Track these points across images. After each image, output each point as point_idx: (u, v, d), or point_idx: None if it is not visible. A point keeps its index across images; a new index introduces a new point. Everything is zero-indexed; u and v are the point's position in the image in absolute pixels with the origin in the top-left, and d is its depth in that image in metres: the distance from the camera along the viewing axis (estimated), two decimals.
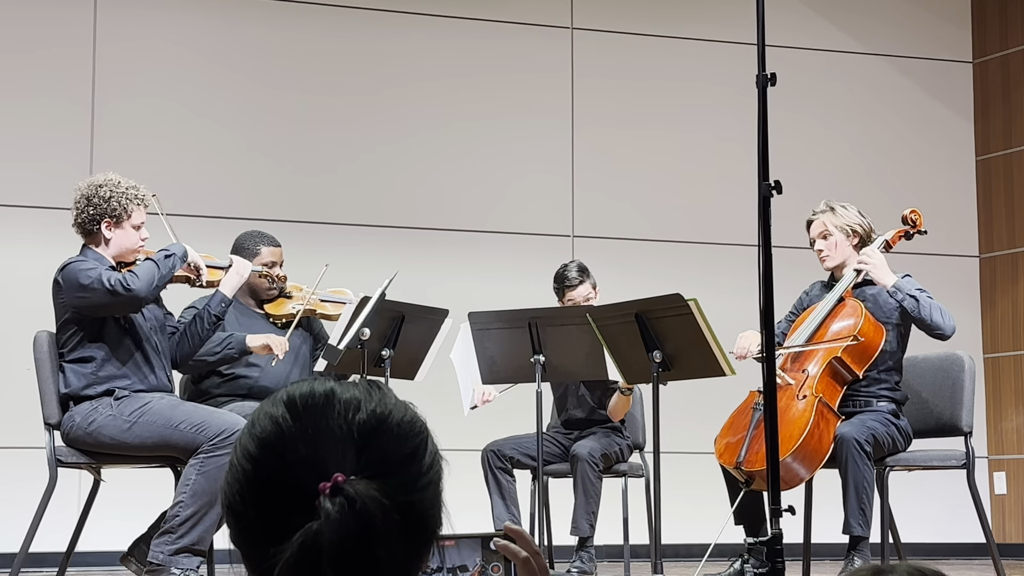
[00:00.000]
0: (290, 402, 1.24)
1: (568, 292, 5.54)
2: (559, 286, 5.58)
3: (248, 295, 5.15)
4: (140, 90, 7.10)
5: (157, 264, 4.51)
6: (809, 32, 8.16)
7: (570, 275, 5.55)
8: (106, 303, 4.43)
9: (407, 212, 7.46)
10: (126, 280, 4.40)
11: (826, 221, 5.09)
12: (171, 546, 4.33)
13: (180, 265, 4.61)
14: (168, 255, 4.57)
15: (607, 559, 6.57)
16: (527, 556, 1.39)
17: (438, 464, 1.25)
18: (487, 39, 7.69)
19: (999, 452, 8.17)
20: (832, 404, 4.87)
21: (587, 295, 5.53)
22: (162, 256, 4.56)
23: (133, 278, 4.42)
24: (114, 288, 4.37)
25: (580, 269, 5.58)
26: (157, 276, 4.48)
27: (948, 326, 4.90)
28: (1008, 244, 8.27)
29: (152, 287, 4.47)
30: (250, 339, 4.91)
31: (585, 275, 5.56)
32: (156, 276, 4.48)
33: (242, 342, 4.90)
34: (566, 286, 5.55)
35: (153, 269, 4.49)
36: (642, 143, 7.86)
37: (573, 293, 5.53)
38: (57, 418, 4.55)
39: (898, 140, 8.31)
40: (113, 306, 4.45)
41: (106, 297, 4.39)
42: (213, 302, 4.76)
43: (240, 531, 1.23)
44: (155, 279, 4.47)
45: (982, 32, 8.48)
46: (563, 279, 5.57)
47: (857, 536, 4.76)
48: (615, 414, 5.55)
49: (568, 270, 5.58)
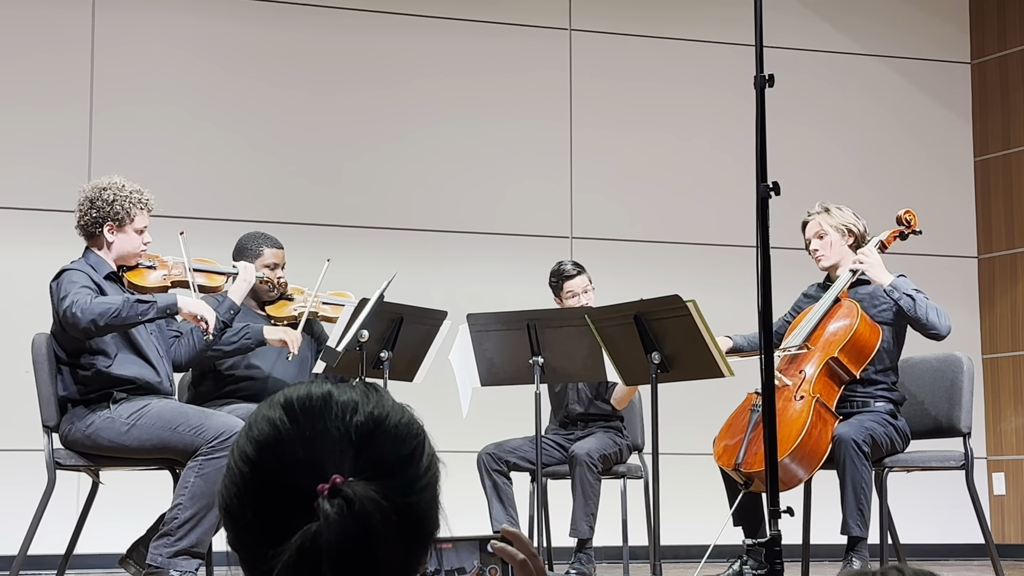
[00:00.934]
0: (287, 405, 1.24)
1: (567, 283, 5.56)
2: (556, 280, 5.61)
3: (250, 296, 5.15)
4: (138, 93, 7.10)
5: (124, 306, 4.35)
6: (807, 33, 8.17)
7: (566, 268, 5.60)
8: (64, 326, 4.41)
9: (405, 214, 7.46)
10: (76, 308, 4.30)
11: (821, 221, 5.11)
12: (170, 548, 4.33)
13: (153, 314, 4.42)
14: (146, 302, 4.41)
15: (606, 560, 6.57)
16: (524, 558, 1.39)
17: (435, 466, 1.26)
18: (485, 41, 7.69)
19: (998, 453, 8.17)
20: (829, 404, 4.87)
21: (585, 285, 5.56)
22: (135, 299, 4.40)
23: (82, 308, 4.30)
24: (64, 312, 4.34)
25: (575, 263, 5.64)
26: (111, 314, 4.31)
27: (944, 326, 4.90)
28: (1007, 245, 8.27)
29: (99, 324, 4.31)
30: (267, 331, 4.92)
31: (581, 268, 5.62)
32: (109, 314, 4.31)
33: (259, 333, 4.91)
34: (565, 277, 5.58)
35: (111, 307, 4.33)
36: (640, 144, 7.87)
37: (571, 283, 5.55)
38: (56, 421, 4.55)
39: (896, 141, 8.31)
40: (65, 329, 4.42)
41: (61, 316, 4.38)
42: (222, 308, 4.76)
43: (238, 533, 1.23)
44: (106, 316, 4.31)
45: (980, 33, 8.48)
46: (560, 272, 5.61)
47: (856, 537, 4.77)
48: (620, 403, 5.56)
49: (564, 264, 5.65)
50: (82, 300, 4.32)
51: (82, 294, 4.36)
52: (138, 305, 4.37)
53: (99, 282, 4.52)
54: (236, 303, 4.80)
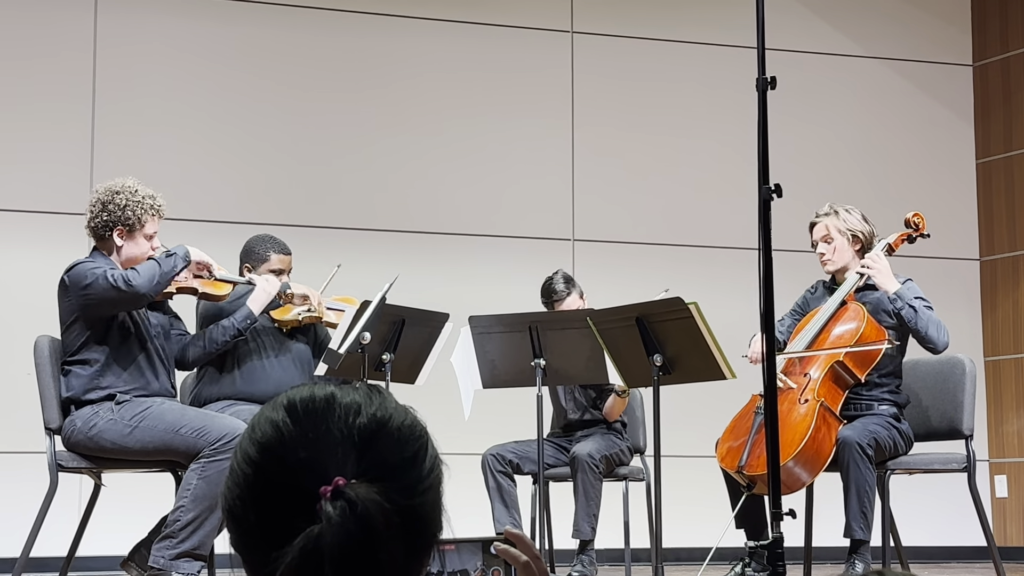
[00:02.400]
0: (290, 406, 1.24)
1: (557, 306, 5.55)
2: (547, 300, 5.60)
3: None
4: (141, 94, 7.10)
5: (158, 263, 4.51)
6: (809, 35, 8.16)
7: (557, 288, 5.56)
8: (109, 298, 4.43)
9: (408, 216, 7.47)
10: (128, 276, 4.41)
11: (829, 225, 5.09)
12: (172, 550, 4.33)
13: (181, 265, 4.57)
14: (170, 254, 4.56)
15: (608, 563, 6.57)
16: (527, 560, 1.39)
17: (438, 468, 1.26)
18: (488, 43, 7.70)
19: (1000, 455, 8.17)
20: (834, 408, 4.87)
21: (575, 306, 5.54)
22: (163, 255, 4.56)
23: (135, 275, 4.43)
24: (116, 284, 4.38)
25: (566, 280, 5.60)
26: (158, 274, 4.47)
27: (941, 342, 4.90)
28: (1009, 247, 8.27)
29: (153, 284, 4.45)
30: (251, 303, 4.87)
31: (571, 285, 5.58)
32: (157, 273, 4.47)
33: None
34: (554, 300, 5.57)
35: (154, 267, 4.48)
36: (642, 147, 7.87)
37: (561, 306, 5.54)
38: (58, 423, 4.55)
39: (898, 143, 8.31)
40: (116, 302, 4.46)
41: (109, 292, 4.40)
42: (239, 316, 4.77)
43: (241, 535, 1.23)
44: (156, 276, 4.46)
45: (982, 35, 8.48)
46: (551, 293, 5.58)
47: (858, 539, 4.76)
48: (610, 415, 5.56)
49: (554, 283, 5.59)
50: (120, 271, 4.43)
51: (115, 272, 4.43)
52: (168, 260, 4.52)
53: None
54: (254, 312, 4.81)
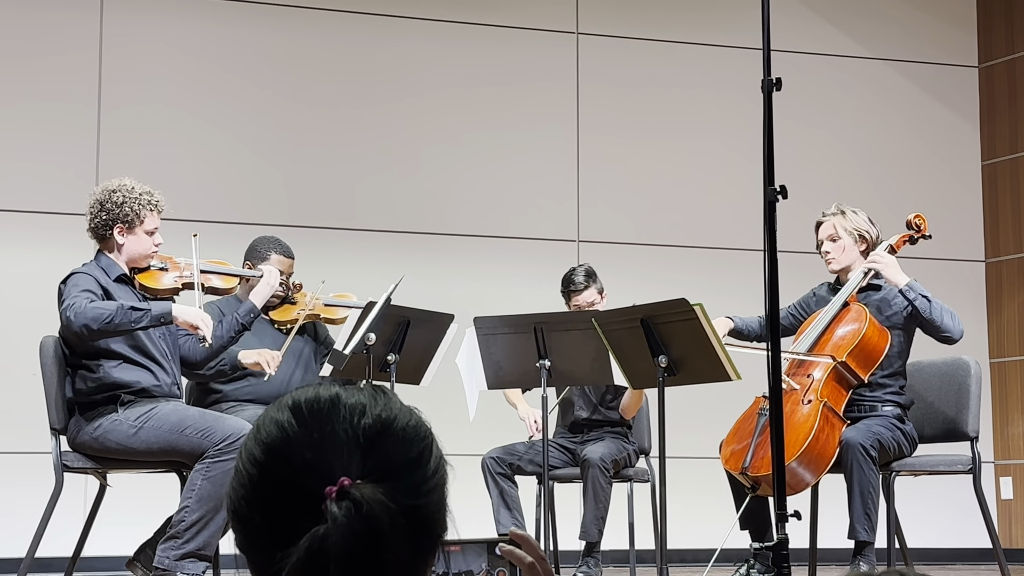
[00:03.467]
0: (295, 407, 1.25)
1: (573, 297, 5.58)
2: (565, 290, 5.62)
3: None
4: (146, 95, 7.11)
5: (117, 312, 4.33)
6: (814, 37, 8.16)
7: (576, 279, 5.58)
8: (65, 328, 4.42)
9: (413, 217, 7.47)
10: (73, 311, 4.30)
11: (836, 224, 5.09)
12: (177, 551, 4.33)
13: (146, 322, 4.39)
14: (139, 309, 4.37)
15: (613, 564, 6.57)
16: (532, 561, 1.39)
17: (443, 469, 1.26)
18: (492, 44, 7.70)
19: (1005, 457, 8.16)
20: (837, 409, 4.87)
21: (592, 300, 5.55)
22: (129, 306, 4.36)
23: (80, 312, 4.30)
24: (64, 314, 4.35)
25: (587, 273, 5.61)
26: (104, 319, 4.30)
27: (957, 330, 4.90)
28: (1014, 248, 8.26)
29: (94, 328, 4.30)
30: (242, 355, 4.90)
31: (592, 279, 5.59)
32: (103, 319, 4.30)
33: (234, 358, 4.90)
34: (572, 290, 5.59)
35: (106, 312, 4.31)
36: (647, 148, 7.86)
37: (578, 298, 5.56)
38: (63, 423, 4.55)
39: (904, 145, 8.30)
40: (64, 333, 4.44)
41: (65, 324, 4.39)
42: (242, 311, 4.76)
43: (246, 536, 1.23)
44: (99, 320, 4.29)
45: (988, 36, 8.47)
46: (569, 283, 5.61)
47: (863, 541, 4.76)
48: (627, 411, 5.56)
49: (575, 274, 5.62)
50: (78, 304, 4.31)
51: (80, 298, 4.35)
52: (132, 312, 4.33)
53: (108, 285, 4.52)
54: (257, 306, 4.80)
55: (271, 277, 4.87)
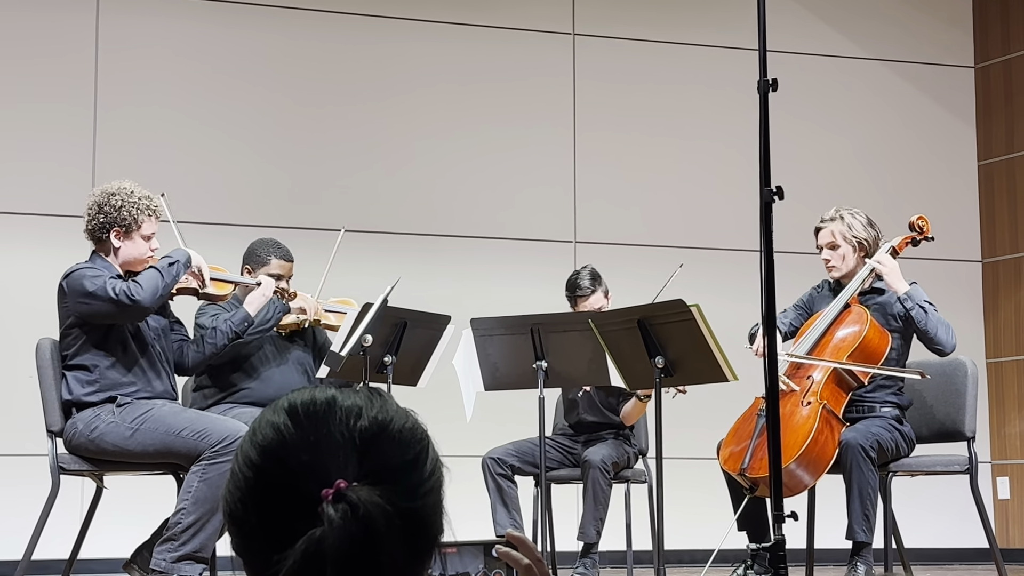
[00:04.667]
0: (291, 409, 1.24)
1: (580, 302, 5.55)
2: (571, 295, 5.60)
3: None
4: (142, 97, 7.10)
5: (161, 273, 4.49)
6: (811, 37, 8.16)
7: (582, 283, 5.55)
8: (110, 312, 4.42)
9: (409, 218, 7.47)
10: (131, 290, 4.39)
11: (835, 231, 5.08)
12: (173, 553, 4.33)
13: (184, 272, 4.58)
14: (172, 262, 4.54)
15: (610, 565, 6.56)
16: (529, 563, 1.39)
17: (439, 471, 1.25)
18: (489, 45, 7.70)
19: (1002, 457, 8.16)
20: (837, 410, 4.86)
21: (600, 305, 5.53)
22: (166, 264, 4.53)
23: (137, 288, 4.41)
24: (118, 298, 4.37)
25: (592, 277, 5.58)
26: (161, 285, 4.47)
27: (949, 344, 4.91)
28: (1011, 248, 8.27)
29: (156, 297, 4.45)
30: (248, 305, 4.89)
31: (597, 283, 5.57)
32: (160, 285, 4.46)
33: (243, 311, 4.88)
34: (579, 295, 5.56)
35: (157, 278, 4.47)
36: (644, 148, 7.87)
37: (585, 303, 5.54)
38: (59, 425, 4.55)
39: (900, 145, 8.31)
40: (117, 316, 4.45)
41: (110, 306, 4.39)
42: (236, 318, 4.78)
43: (242, 539, 1.23)
44: (159, 288, 4.45)
45: (984, 36, 8.48)
46: (575, 287, 5.58)
47: (860, 542, 4.76)
48: (628, 419, 5.56)
49: (580, 278, 5.59)
50: (131, 285, 4.41)
51: (117, 282, 4.42)
52: (171, 269, 4.51)
53: None
54: (251, 315, 4.82)
55: (267, 288, 4.88)
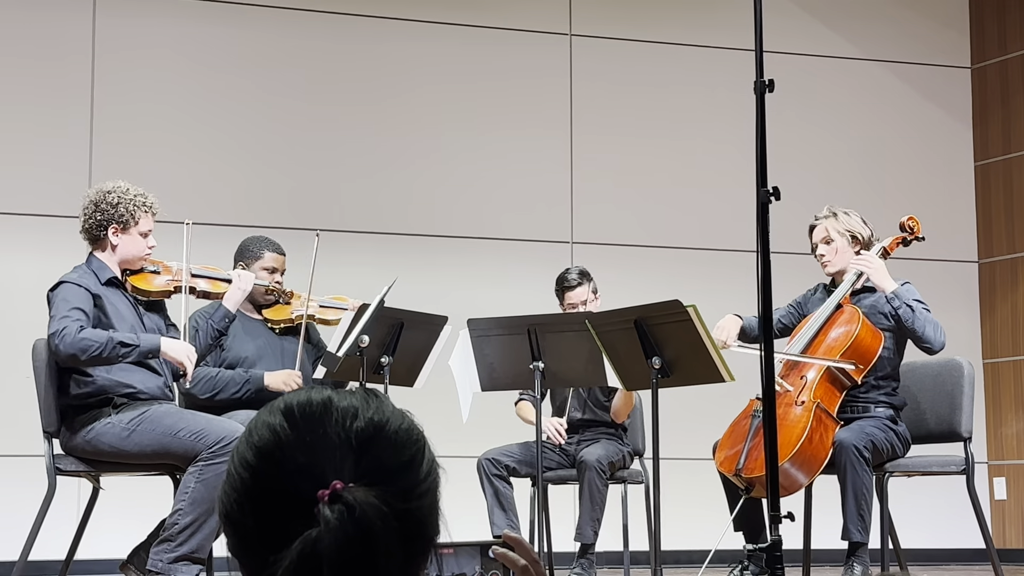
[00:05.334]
0: (287, 410, 1.24)
1: (567, 293, 5.61)
2: (559, 288, 5.66)
3: (247, 300, 5.15)
4: (139, 98, 7.10)
5: (107, 344, 4.34)
6: (807, 38, 8.17)
7: (570, 276, 5.64)
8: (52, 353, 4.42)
9: (406, 219, 7.46)
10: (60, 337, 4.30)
11: (829, 227, 5.10)
12: (170, 554, 4.33)
13: (132, 358, 4.43)
14: (128, 343, 4.38)
15: (607, 565, 6.56)
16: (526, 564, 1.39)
17: (435, 472, 1.26)
18: (486, 46, 7.70)
19: (999, 457, 8.17)
20: (831, 410, 4.87)
21: (585, 297, 5.58)
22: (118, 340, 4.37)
23: (66, 338, 4.30)
24: (50, 337, 4.35)
25: (581, 272, 5.67)
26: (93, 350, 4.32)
27: (938, 341, 4.91)
28: (1007, 249, 8.27)
29: (80, 359, 4.32)
30: (268, 380, 4.98)
31: (585, 278, 5.63)
32: (91, 350, 4.32)
33: (260, 381, 4.98)
34: (566, 287, 5.63)
35: (95, 344, 4.32)
36: (641, 149, 7.87)
37: (572, 294, 5.59)
38: (56, 426, 4.55)
39: (897, 145, 8.31)
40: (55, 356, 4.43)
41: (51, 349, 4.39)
42: (216, 316, 4.77)
43: (238, 540, 1.23)
44: (87, 352, 4.31)
45: (980, 37, 8.48)
46: (563, 281, 5.66)
47: (856, 542, 4.76)
48: (618, 415, 5.56)
49: (569, 272, 5.69)
50: (69, 331, 4.31)
51: (70, 322, 4.34)
52: (120, 347, 4.36)
53: (98, 291, 4.51)
54: (231, 311, 4.80)
55: (242, 281, 4.87)
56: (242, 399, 4.95)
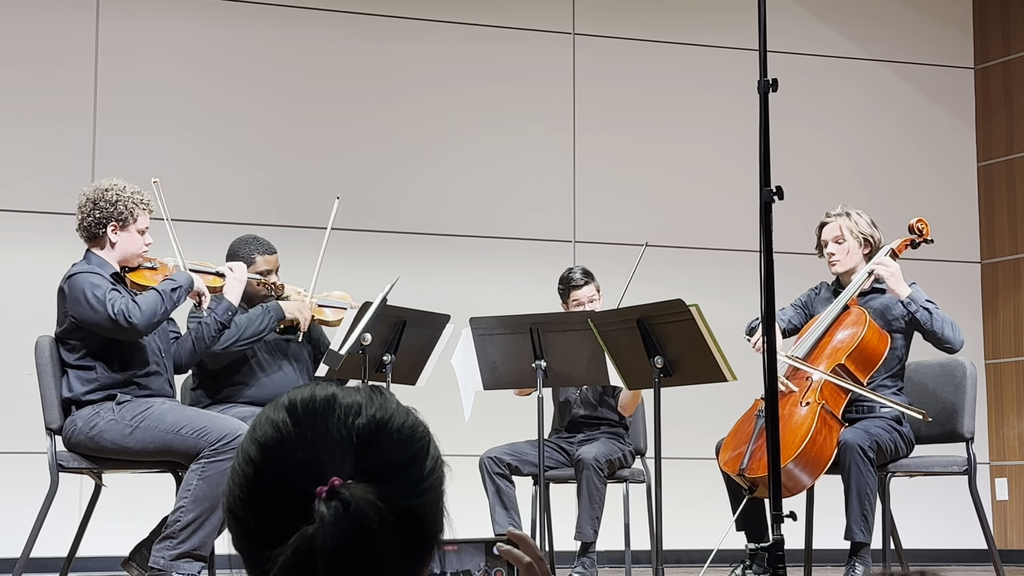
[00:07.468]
0: (291, 407, 1.25)
1: (573, 292, 5.61)
2: (564, 287, 5.66)
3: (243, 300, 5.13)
4: (142, 97, 7.10)
5: (163, 297, 4.48)
6: (811, 38, 8.17)
7: (575, 276, 5.64)
8: (105, 327, 4.43)
9: (408, 217, 7.46)
10: (128, 312, 4.38)
11: (842, 226, 5.09)
12: (172, 551, 4.33)
13: (185, 298, 4.59)
14: (175, 287, 4.53)
15: (608, 564, 6.56)
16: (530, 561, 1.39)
17: (440, 470, 1.25)
18: (489, 45, 7.69)
19: (1001, 458, 8.16)
20: (835, 411, 4.87)
21: (591, 296, 5.59)
22: (168, 288, 4.52)
23: (136, 311, 4.40)
24: (116, 318, 4.37)
25: (585, 272, 5.66)
26: (160, 310, 4.46)
27: (958, 340, 4.92)
28: (1010, 250, 8.27)
29: (154, 322, 4.46)
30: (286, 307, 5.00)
31: (590, 277, 5.64)
32: (160, 311, 4.45)
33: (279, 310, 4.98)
34: (572, 286, 5.62)
35: (157, 303, 4.46)
36: (643, 148, 7.87)
37: (578, 293, 5.59)
38: (59, 423, 4.55)
39: (900, 146, 8.31)
40: (110, 332, 4.45)
41: (107, 322, 4.40)
42: (220, 309, 4.77)
43: (240, 535, 1.24)
44: (157, 314, 4.45)
45: (984, 38, 8.48)
46: (568, 280, 5.65)
47: (859, 542, 4.76)
48: (627, 408, 5.57)
49: (573, 272, 5.69)
50: (130, 305, 4.42)
51: (118, 299, 4.42)
52: (173, 294, 4.51)
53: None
54: (234, 303, 4.81)
55: (239, 272, 4.87)
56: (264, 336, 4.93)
